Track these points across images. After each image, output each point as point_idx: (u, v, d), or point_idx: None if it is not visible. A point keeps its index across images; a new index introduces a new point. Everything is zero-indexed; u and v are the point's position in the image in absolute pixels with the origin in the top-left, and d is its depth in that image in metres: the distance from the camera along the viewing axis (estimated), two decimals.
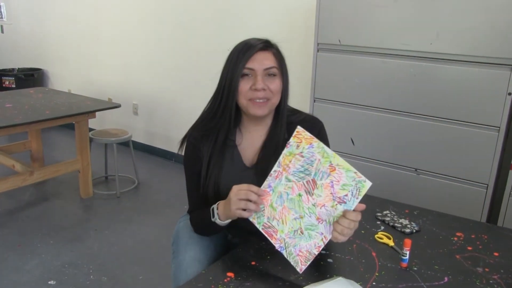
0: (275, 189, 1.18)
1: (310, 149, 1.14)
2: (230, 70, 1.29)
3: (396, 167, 2.36)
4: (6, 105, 3.09)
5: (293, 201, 1.16)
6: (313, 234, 1.13)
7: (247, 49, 1.28)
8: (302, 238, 1.14)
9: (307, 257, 1.14)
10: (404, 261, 1.20)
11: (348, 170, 1.10)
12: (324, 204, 1.12)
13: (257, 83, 1.27)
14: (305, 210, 1.14)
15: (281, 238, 1.17)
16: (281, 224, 1.17)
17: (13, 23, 5.56)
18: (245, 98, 1.29)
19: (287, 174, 1.16)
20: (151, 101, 4.32)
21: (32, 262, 2.51)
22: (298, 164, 1.15)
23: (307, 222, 1.14)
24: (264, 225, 1.19)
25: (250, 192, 1.16)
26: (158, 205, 3.34)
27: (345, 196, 1.10)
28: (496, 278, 1.17)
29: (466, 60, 2.08)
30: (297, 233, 1.15)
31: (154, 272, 2.48)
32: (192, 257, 1.35)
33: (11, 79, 5.06)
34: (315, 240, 1.13)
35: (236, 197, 1.17)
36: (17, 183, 2.98)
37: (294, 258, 1.15)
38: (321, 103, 2.53)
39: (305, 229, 1.14)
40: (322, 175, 1.12)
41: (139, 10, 4.15)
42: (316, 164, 1.13)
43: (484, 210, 2.17)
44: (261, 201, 1.18)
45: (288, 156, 1.16)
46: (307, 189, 1.14)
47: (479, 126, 2.10)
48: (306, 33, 3.02)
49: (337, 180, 1.11)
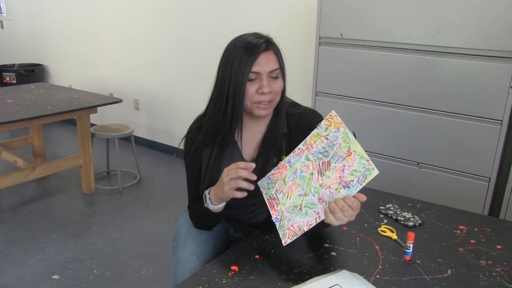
0: (292, 165, 1.20)
1: (336, 133, 1.17)
2: (234, 73, 1.25)
3: (398, 161, 2.36)
4: (8, 101, 3.09)
5: (304, 179, 1.18)
6: (309, 212, 1.15)
7: (251, 51, 1.24)
8: (298, 214, 1.16)
9: (295, 232, 1.15)
10: (407, 254, 1.21)
11: (362, 157, 1.13)
12: (329, 186, 1.14)
13: (264, 87, 1.26)
14: (311, 188, 1.16)
15: (280, 210, 1.19)
16: (285, 198, 1.19)
17: (13, 18, 5.55)
18: (250, 101, 1.28)
19: (308, 153, 1.19)
20: (152, 96, 4.32)
21: (35, 257, 2.52)
22: (321, 145, 1.18)
23: (309, 201, 1.16)
24: (270, 196, 1.22)
25: (239, 170, 1.17)
26: (160, 199, 3.35)
27: (351, 181, 1.12)
28: (499, 271, 1.17)
29: (469, 53, 2.07)
30: (296, 208, 1.17)
31: (157, 266, 2.49)
32: (190, 252, 1.36)
33: (12, 75, 5.06)
34: (309, 218, 1.15)
35: (228, 178, 1.18)
36: (20, 179, 2.99)
37: (284, 231, 1.17)
38: (323, 97, 2.52)
39: (305, 206, 1.16)
40: (338, 158, 1.15)
41: (140, 5, 4.13)
42: (336, 148, 1.16)
43: (487, 204, 2.17)
44: (253, 176, 1.18)
45: (315, 137, 1.19)
46: (320, 169, 1.16)
47: (481, 119, 2.10)
48: (308, 27, 3.01)
49: (349, 165, 1.13)
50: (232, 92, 1.26)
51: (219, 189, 1.22)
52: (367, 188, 1.64)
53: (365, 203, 1.55)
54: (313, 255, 1.22)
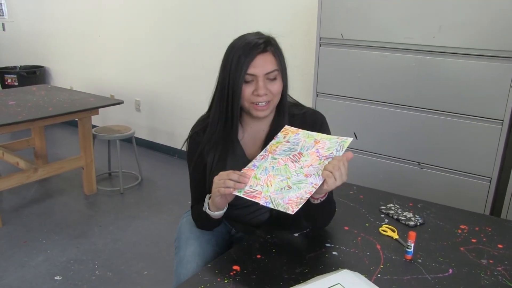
0: (259, 166, 1.21)
1: (296, 136, 1.22)
2: (232, 75, 1.27)
3: (399, 161, 2.37)
4: (9, 103, 3.10)
5: (279, 170, 1.18)
6: (302, 186, 1.13)
7: (248, 53, 1.25)
8: (290, 191, 1.13)
9: (298, 202, 1.10)
10: (408, 254, 1.21)
11: (331, 139, 1.17)
12: (311, 164, 1.16)
13: (259, 89, 1.27)
14: (292, 172, 1.16)
15: (266, 195, 1.14)
16: (265, 187, 1.16)
17: (14, 20, 5.56)
18: (247, 102, 1.30)
19: (273, 155, 1.21)
20: (153, 97, 4.33)
21: (38, 258, 2.53)
22: (284, 148, 1.21)
23: (295, 180, 1.14)
24: (245, 191, 1.17)
25: (231, 173, 1.18)
26: (162, 201, 3.35)
27: (331, 154, 1.15)
28: (500, 270, 1.17)
29: (469, 53, 2.07)
30: (285, 189, 1.14)
31: (158, 267, 2.49)
32: (192, 252, 1.37)
33: (13, 77, 5.08)
34: (305, 189, 1.12)
35: (217, 179, 1.20)
36: (22, 180, 2.99)
37: (283, 206, 1.10)
38: (323, 98, 2.53)
39: (293, 184, 1.14)
40: (307, 148, 1.18)
41: (141, 6, 4.14)
42: (302, 143, 1.19)
43: (488, 203, 2.17)
44: (244, 180, 1.17)
45: (275, 144, 1.24)
46: (293, 160, 1.18)
47: (482, 119, 2.10)
48: (308, 28, 3.02)
49: (322, 147, 1.17)
50: (231, 93, 1.28)
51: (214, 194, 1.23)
52: (368, 188, 1.65)
53: (366, 202, 1.56)
54: (314, 254, 1.22)
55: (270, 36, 1.33)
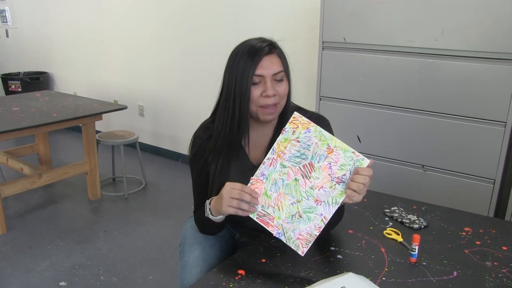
0: (269, 177, 1.16)
1: (306, 133, 1.14)
2: (239, 77, 1.26)
3: (403, 164, 2.37)
4: (14, 109, 3.12)
5: (289, 187, 1.14)
6: (312, 216, 1.13)
7: (254, 55, 1.26)
8: (301, 222, 1.13)
9: (307, 239, 1.13)
10: (413, 256, 1.21)
11: (346, 150, 1.11)
12: (322, 186, 1.12)
13: (268, 90, 1.26)
14: (303, 193, 1.13)
15: (279, 224, 1.15)
16: (277, 210, 1.15)
17: (18, 27, 5.60)
18: (256, 105, 1.29)
19: (282, 161, 1.15)
20: (156, 102, 4.34)
21: (42, 264, 2.54)
22: (294, 149, 1.14)
23: (305, 205, 1.13)
24: (258, 214, 1.17)
25: (243, 193, 1.16)
26: (166, 205, 3.36)
27: (343, 175, 1.10)
28: (505, 272, 1.17)
29: (472, 56, 2.08)
30: (295, 217, 1.14)
31: (163, 272, 2.50)
32: (196, 257, 1.37)
33: (17, 83, 5.10)
34: (315, 221, 1.12)
35: (228, 195, 1.17)
36: (26, 186, 3.01)
37: (294, 242, 1.14)
38: (327, 101, 2.53)
39: (304, 212, 1.13)
40: (319, 158, 1.12)
41: (143, 12, 4.17)
42: (313, 148, 1.13)
43: (492, 205, 2.16)
44: (256, 202, 1.17)
45: (283, 143, 1.16)
46: (303, 173, 1.13)
47: (485, 121, 2.10)
48: (310, 32, 3.03)
49: (335, 161, 1.11)
50: (238, 97, 1.27)
51: (218, 202, 1.22)
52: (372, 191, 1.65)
53: (370, 206, 1.56)
54: (319, 258, 1.23)
55: (273, 40, 1.34)
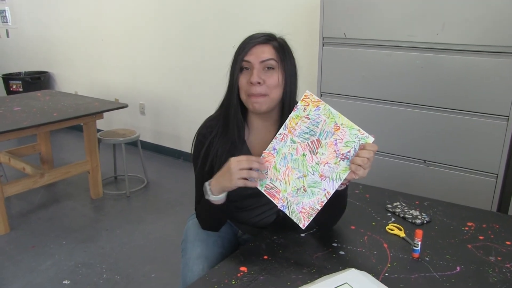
0: (279, 151, 1.21)
1: (316, 111, 1.18)
2: (232, 65, 1.30)
3: (405, 159, 2.36)
4: (15, 109, 3.12)
5: (297, 161, 1.19)
6: (316, 191, 1.16)
7: (246, 43, 1.29)
8: (305, 196, 1.17)
9: (309, 213, 1.17)
10: (415, 252, 1.21)
11: (352, 128, 1.15)
12: (327, 162, 1.15)
13: (252, 77, 1.25)
14: (309, 168, 1.17)
15: (284, 197, 1.19)
16: (284, 184, 1.19)
17: (18, 27, 5.60)
18: (245, 94, 1.29)
19: (292, 136, 1.20)
20: (157, 100, 4.34)
21: (46, 263, 2.54)
22: (304, 126, 1.19)
23: (311, 180, 1.17)
24: (266, 187, 1.21)
25: (251, 161, 1.19)
26: (168, 203, 3.36)
27: (348, 152, 1.14)
28: (508, 267, 1.17)
29: (473, 50, 2.07)
30: (300, 191, 1.18)
31: (166, 270, 2.50)
32: (198, 254, 1.37)
33: (18, 83, 5.11)
34: (318, 196, 1.16)
35: (237, 167, 1.18)
36: (28, 185, 3.01)
37: (297, 216, 1.18)
38: (328, 97, 2.53)
39: (308, 186, 1.17)
40: (326, 134, 1.16)
41: (144, 11, 4.16)
42: (322, 125, 1.17)
43: (495, 200, 2.16)
44: (264, 167, 1.20)
45: (295, 119, 1.20)
46: (311, 149, 1.17)
47: (487, 116, 2.09)
48: (311, 28, 3.02)
49: (340, 138, 1.15)
50: (230, 84, 1.30)
51: (226, 178, 1.20)
52: (374, 187, 1.64)
53: (372, 201, 1.56)
54: (321, 254, 1.22)
55: (278, 35, 1.34)
